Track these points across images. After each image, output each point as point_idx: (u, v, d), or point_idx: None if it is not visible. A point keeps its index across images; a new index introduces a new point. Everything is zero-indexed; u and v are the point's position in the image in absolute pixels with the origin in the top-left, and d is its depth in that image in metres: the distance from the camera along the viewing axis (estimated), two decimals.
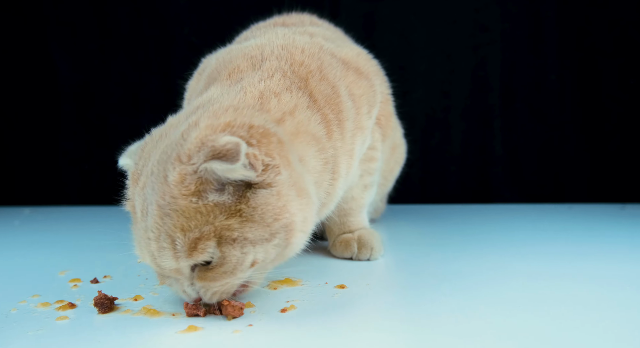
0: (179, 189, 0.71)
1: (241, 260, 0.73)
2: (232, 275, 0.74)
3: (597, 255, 1.18)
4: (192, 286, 0.76)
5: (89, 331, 0.72)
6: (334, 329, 0.71)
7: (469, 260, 1.12)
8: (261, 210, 0.73)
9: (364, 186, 1.15)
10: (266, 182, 0.74)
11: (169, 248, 0.72)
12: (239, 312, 0.75)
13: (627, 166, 2.15)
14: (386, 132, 1.17)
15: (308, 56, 0.96)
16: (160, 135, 0.82)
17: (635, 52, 2.12)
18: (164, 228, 0.71)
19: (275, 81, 0.88)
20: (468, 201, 2.21)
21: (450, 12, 2.17)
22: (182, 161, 0.71)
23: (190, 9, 2.22)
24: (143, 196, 0.76)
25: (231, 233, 0.72)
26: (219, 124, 0.74)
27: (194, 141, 0.72)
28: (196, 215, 0.71)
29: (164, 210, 0.71)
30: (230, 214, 0.72)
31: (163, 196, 0.72)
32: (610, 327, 0.71)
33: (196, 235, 0.71)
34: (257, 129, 0.76)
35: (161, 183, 0.72)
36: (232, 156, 0.69)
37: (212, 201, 0.72)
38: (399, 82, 1.82)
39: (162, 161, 0.74)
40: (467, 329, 0.70)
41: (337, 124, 0.93)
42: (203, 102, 0.85)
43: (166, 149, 0.75)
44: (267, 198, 0.74)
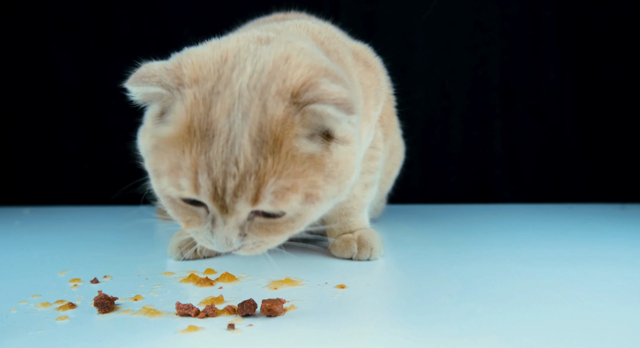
0: (281, 127, 0.65)
1: (314, 217, 0.71)
2: (299, 228, 0.71)
3: (597, 255, 1.18)
4: (242, 237, 0.70)
5: (89, 331, 0.72)
6: (334, 329, 0.71)
7: (469, 260, 1.12)
8: (342, 167, 0.71)
9: (364, 185, 1.15)
10: (346, 139, 0.71)
11: (252, 190, 0.65)
12: (282, 309, 0.75)
13: (627, 166, 2.15)
14: (388, 131, 1.18)
15: (325, 37, 0.94)
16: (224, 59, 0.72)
17: (635, 52, 2.12)
18: (255, 168, 0.65)
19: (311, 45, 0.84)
20: (468, 201, 2.21)
21: (450, 12, 2.17)
22: (284, 97, 0.67)
23: (190, 9, 2.22)
24: (229, 123, 0.66)
25: (317, 191, 0.68)
26: (320, 67, 0.71)
27: (300, 79, 0.68)
28: (293, 163, 0.66)
29: (259, 146, 0.65)
30: (317, 168, 0.68)
31: (260, 129, 0.65)
32: (611, 327, 0.71)
33: (287, 185, 0.66)
34: (347, 87, 0.72)
35: (259, 114, 0.65)
36: (349, 106, 0.66)
37: (308, 151, 0.68)
38: (399, 82, 1.82)
39: (254, 88, 0.67)
40: (467, 329, 0.70)
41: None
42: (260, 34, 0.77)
43: (259, 76, 0.68)
44: (347, 155, 0.71)
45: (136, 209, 1.13)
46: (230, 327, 0.70)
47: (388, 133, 1.18)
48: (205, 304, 0.80)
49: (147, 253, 1.22)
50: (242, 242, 0.71)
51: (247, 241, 0.71)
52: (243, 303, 0.76)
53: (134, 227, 1.49)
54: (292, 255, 1.18)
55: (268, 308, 0.75)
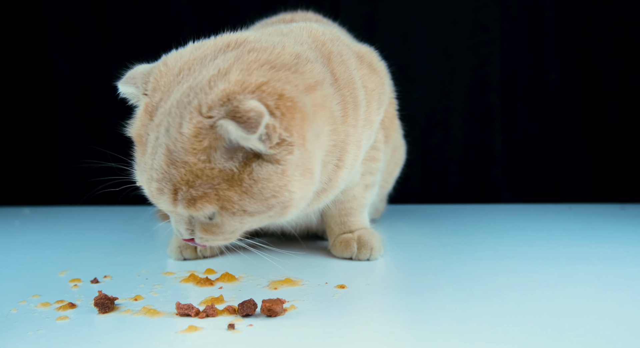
0: (191, 142, 0.71)
1: (239, 227, 0.79)
2: (231, 234, 0.81)
3: (597, 255, 1.18)
4: (189, 230, 0.81)
5: (89, 331, 0.72)
6: (334, 329, 0.71)
7: (469, 260, 1.12)
8: (261, 185, 0.74)
9: (365, 186, 1.15)
10: (275, 158, 0.73)
11: (168, 195, 0.74)
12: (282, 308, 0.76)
13: (627, 166, 2.15)
14: (389, 134, 1.18)
15: (328, 39, 0.95)
16: (180, 69, 0.79)
17: (635, 52, 2.12)
18: (168, 176, 0.73)
19: (305, 48, 0.87)
20: (468, 201, 2.21)
21: (450, 12, 2.17)
22: (201, 112, 0.71)
23: (190, 9, 2.22)
24: (157, 133, 0.76)
25: (232, 205, 0.74)
26: (250, 83, 0.73)
27: (219, 94, 0.71)
28: (202, 175, 0.72)
29: (172, 158, 0.72)
30: (232, 183, 0.73)
31: (174, 143, 0.72)
32: (611, 327, 0.71)
33: (199, 194, 0.73)
34: (285, 101, 0.74)
35: (175, 129, 0.72)
36: (251, 125, 0.68)
37: (219, 165, 0.72)
38: (399, 83, 1.81)
39: (181, 104, 0.73)
40: (467, 329, 0.70)
41: (353, 108, 0.92)
42: (238, 42, 0.82)
43: (188, 92, 0.74)
44: (271, 174, 0.74)
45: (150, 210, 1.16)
46: (230, 327, 0.70)
47: (389, 134, 1.18)
48: (205, 304, 0.80)
49: (147, 253, 1.22)
50: (191, 235, 0.82)
51: (195, 236, 0.82)
52: (243, 303, 0.76)
53: (134, 227, 1.49)
54: (292, 255, 1.18)
55: (268, 308, 0.75)
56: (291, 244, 1.28)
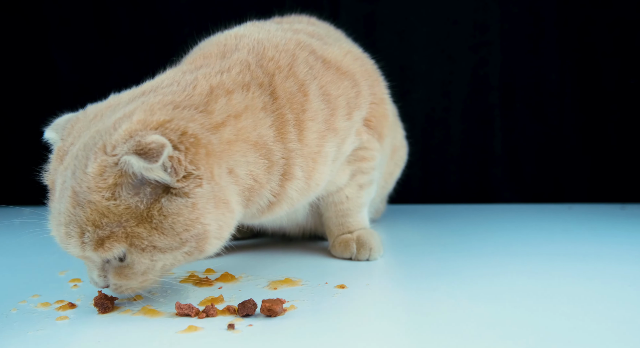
0: (95, 181, 0.70)
1: (151, 266, 0.75)
2: (142, 276, 0.76)
3: (597, 255, 1.18)
4: (101, 277, 0.77)
5: (89, 331, 0.72)
6: (334, 329, 0.71)
7: (469, 260, 1.12)
8: (172, 220, 0.73)
9: (359, 186, 1.14)
10: (184, 191, 0.73)
11: (76, 238, 0.72)
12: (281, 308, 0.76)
13: (627, 166, 2.15)
14: (381, 132, 1.15)
15: (281, 51, 0.94)
16: (95, 115, 0.80)
17: (635, 52, 2.12)
18: (75, 218, 0.72)
19: (232, 75, 0.87)
20: (468, 201, 2.21)
21: (450, 12, 2.17)
22: (105, 151, 0.71)
23: (190, 9, 2.22)
24: (64, 177, 0.75)
25: (141, 241, 0.72)
26: (152, 121, 0.74)
27: (122, 133, 0.72)
28: (109, 213, 0.71)
29: (78, 199, 0.71)
30: (141, 220, 0.72)
31: (80, 184, 0.71)
32: (611, 326, 0.71)
33: (105, 234, 0.71)
34: (189, 137, 0.75)
35: (81, 170, 0.72)
36: (153, 155, 0.69)
37: (125, 203, 0.71)
38: (399, 82, 1.80)
39: (87, 146, 0.74)
40: (467, 329, 0.70)
41: (295, 124, 0.91)
42: (151, 88, 0.83)
43: (95, 135, 0.75)
44: (181, 207, 0.73)
45: None
46: (230, 327, 0.70)
47: (381, 133, 1.15)
48: (205, 304, 0.80)
49: None
50: (105, 282, 0.78)
51: (109, 283, 0.78)
52: (243, 303, 0.76)
53: None
54: (292, 255, 1.18)
55: (268, 308, 0.75)
56: (291, 244, 1.28)
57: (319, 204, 1.17)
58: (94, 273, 0.77)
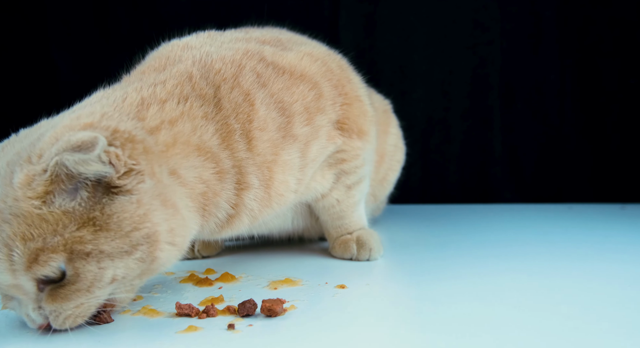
0: (23, 191, 0.64)
1: (99, 276, 0.67)
2: (88, 292, 0.67)
3: (597, 255, 1.18)
4: (38, 309, 0.68)
5: (89, 331, 0.72)
6: (334, 329, 0.71)
7: (469, 260, 1.12)
8: (117, 218, 0.67)
9: (347, 187, 1.12)
10: (126, 188, 0.68)
11: (4, 260, 0.64)
12: (281, 308, 0.75)
13: (627, 166, 2.15)
14: (360, 129, 1.09)
15: (227, 63, 0.92)
16: (25, 135, 0.76)
17: (635, 52, 2.12)
18: (1, 236, 0.64)
19: (167, 88, 0.85)
20: (468, 201, 2.21)
21: (450, 12, 2.17)
22: (31, 161, 0.66)
23: (190, 9, 2.22)
24: None
25: (84, 246, 0.65)
26: (78, 124, 0.70)
27: (47, 140, 0.67)
28: (41, 223, 0.64)
29: (3, 215, 0.64)
30: (82, 223, 0.66)
31: (5, 199, 0.65)
32: (611, 326, 0.71)
33: (38, 245, 0.64)
34: (122, 133, 0.71)
35: (6, 185, 0.66)
36: (87, 146, 0.64)
37: (61, 208, 0.65)
38: (399, 82, 1.81)
39: (12, 162, 0.68)
40: (467, 329, 0.70)
41: (242, 134, 0.88)
42: (78, 106, 0.81)
43: (20, 151, 0.70)
44: (125, 205, 0.68)
45: None
46: (230, 327, 0.70)
47: (362, 129, 1.10)
48: (205, 304, 0.80)
49: None
50: (44, 316, 0.68)
51: (51, 315, 0.68)
52: (243, 303, 0.76)
53: None
54: (292, 255, 1.18)
55: (268, 308, 0.75)
56: (291, 244, 1.28)
57: (312, 210, 1.16)
58: (28, 308, 0.68)
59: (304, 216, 1.17)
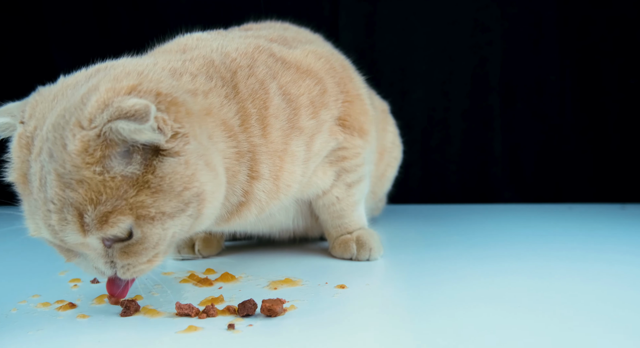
0: (82, 157, 0.67)
1: (163, 235, 0.72)
2: (154, 249, 0.73)
3: (597, 255, 1.18)
4: (110, 263, 0.73)
5: (89, 331, 0.72)
6: (334, 329, 0.71)
7: (469, 260, 1.12)
8: (169, 179, 0.70)
9: (347, 185, 1.13)
10: (174, 150, 0.71)
11: (74, 222, 0.68)
12: (281, 308, 0.76)
13: (627, 166, 2.15)
14: (361, 128, 1.11)
15: (241, 54, 0.95)
16: (54, 95, 0.76)
17: (635, 52, 2.12)
18: (69, 200, 0.67)
19: (196, 65, 0.87)
20: (468, 201, 2.21)
21: (450, 12, 2.17)
22: (82, 126, 0.67)
23: (190, 9, 2.22)
24: (40, 163, 0.70)
25: (148, 210, 0.69)
26: (122, 87, 0.70)
27: (94, 104, 0.68)
28: (105, 188, 0.67)
29: (66, 180, 0.67)
30: (140, 187, 0.69)
31: (63, 165, 0.67)
32: (611, 326, 0.71)
33: (108, 209, 0.68)
34: (165, 96, 0.73)
35: (60, 151, 0.68)
36: (141, 116, 0.65)
37: (120, 173, 0.68)
38: (399, 82, 1.81)
39: (58, 126, 0.69)
40: (467, 329, 0.70)
41: (259, 119, 0.91)
42: (105, 66, 0.80)
43: (63, 113, 0.70)
44: (175, 166, 0.71)
45: None
46: (230, 327, 0.70)
47: (363, 128, 1.12)
48: (205, 304, 0.80)
49: None
50: (113, 268, 0.74)
51: (117, 267, 0.74)
52: (243, 303, 0.76)
53: None
54: (292, 255, 1.18)
55: (268, 308, 0.75)
56: (291, 244, 1.28)
57: (312, 208, 1.16)
58: (99, 262, 0.73)
59: (305, 215, 1.18)
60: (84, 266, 0.77)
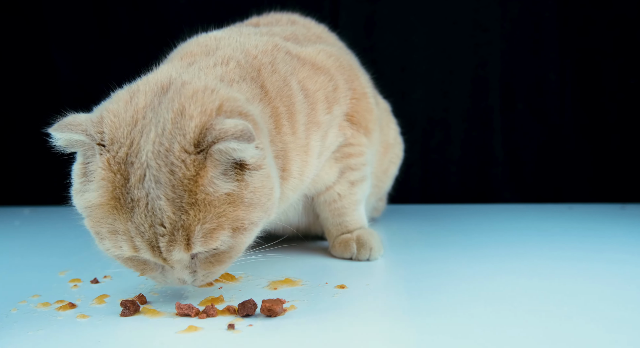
0: (195, 181, 0.71)
1: (248, 241, 0.79)
2: (237, 256, 0.79)
3: (597, 255, 1.18)
4: (192, 273, 0.77)
5: (89, 331, 0.72)
6: (334, 329, 0.71)
7: (469, 260, 1.12)
8: (260, 193, 0.76)
9: (350, 183, 1.14)
10: (258, 164, 0.76)
11: (181, 241, 0.72)
12: (282, 308, 0.76)
13: (627, 166, 2.15)
14: (366, 126, 1.14)
15: (261, 51, 0.97)
16: (133, 118, 0.76)
17: (635, 52, 2.12)
18: (180, 223, 0.71)
19: (231, 68, 0.89)
20: (468, 201, 2.21)
21: (450, 12, 2.17)
22: (188, 151, 0.72)
23: (190, 9, 2.22)
24: (144, 190, 0.71)
25: (242, 223, 0.74)
26: (211, 109, 0.75)
27: (195, 130, 0.72)
28: (211, 208, 0.72)
29: (177, 204, 0.71)
30: (236, 202, 0.74)
31: (174, 190, 0.71)
32: (611, 326, 0.71)
33: (213, 226, 0.72)
34: (246, 115, 0.78)
35: (168, 178, 0.71)
36: (248, 135, 0.70)
37: (224, 191, 0.73)
38: (399, 82, 1.80)
39: (159, 154, 0.72)
40: (467, 329, 0.70)
41: (288, 117, 0.94)
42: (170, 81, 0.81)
43: (160, 141, 0.72)
44: (262, 180, 0.76)
45: None
46: (230, 327, 0.70)
47: (367, 127, 1.15)
48: (205, 304, 0.80)
49: None
50: (194, 277, 0.78)
51: (198, 276, 0.78)
52: (243, 303, 0.76)
53: None
54: (292, 255, 1.18)
55: (268, 308, 0.75)
56: (291, 244, 1.28)
57: (314, 206, 1.17)
58: (184, 273, 0.77)
59: (308, 211, 1.19)
60: (160, 279, 0.80)
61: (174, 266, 0.76)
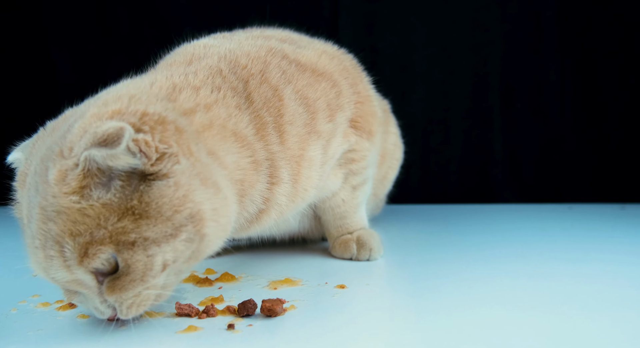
0: (59, 187, 0.63)
1: (149, 264, 0.66)
2: (142, 282, 0.67)
3: (597, 255, 1.18)
4: (105, 302, 0.68)
5: (89, 331, 0.72)
6: (334, 329, 0.71)
7: (469, 260, 1.12)
8: (156, 204, 0.66)
9: (352, 188, 1.13)
10: (162, 173, 0.67)
11: (57, 256, 0.64)
12: (281, 308, 0.76)
13: (627, 166, 2.15)
14: (370, 130, 1.12)
15: (252, 59, 0.93)
16: (53, 128, 0.74)
17: (635, 52, 2.12)
18: (50, 234, 0.64)
19: (200, 77, 0.84)
20: (468, 201, 2.21)
21: (450, 12, 2.17)
22: (63, 155, 0.65)
23: (190, 9, 2.22)
24: (28, 198, 0.67)
25: (127, 236, 0.64)
26: (106, 112, 0.67)
27: (75, 132, 0.65)
28: (83, 218, 0.64)
29: (47, 213, 0.64)
30: (122, 214, 0.65)
31: (45, 197, 0.64)
32: (611, 326, 0.71)
33: (87, 239, 0.63)
34: (151, 116, 0.69)
35: (43, 182, 0.65)
36: (112, 140, 0.62)
37: (99, 201, 0.64)
38: (399, 82, 1.80)
39: (45, 158, 0.67)
40: (467, 329, 0.70)
41: (275, 127, 0.89)
42: (105, 92, 0.78)
43: (51, 145, 0.68)
44: (163, 190, 0.66)
45: None
46: (230, 327, 0.70)
47: (371, 131, 1.12)
48: (205, 304, 0.80)
49: None
50: (113, 309, 0.69)
51: (115, 305, 0.69)
52: (243, 303, 0.76)
53: None
54: (292, 255, 1.18)
55: (268, 308, 0.75)
56: (291, 244, 1.28)
57: (315, 209, 1.16)
58: (95, 302, 0.68)
59: (309, 217, 1.18)
60: (85, 306, 0.72)
61: (84, 292, 0.68)
